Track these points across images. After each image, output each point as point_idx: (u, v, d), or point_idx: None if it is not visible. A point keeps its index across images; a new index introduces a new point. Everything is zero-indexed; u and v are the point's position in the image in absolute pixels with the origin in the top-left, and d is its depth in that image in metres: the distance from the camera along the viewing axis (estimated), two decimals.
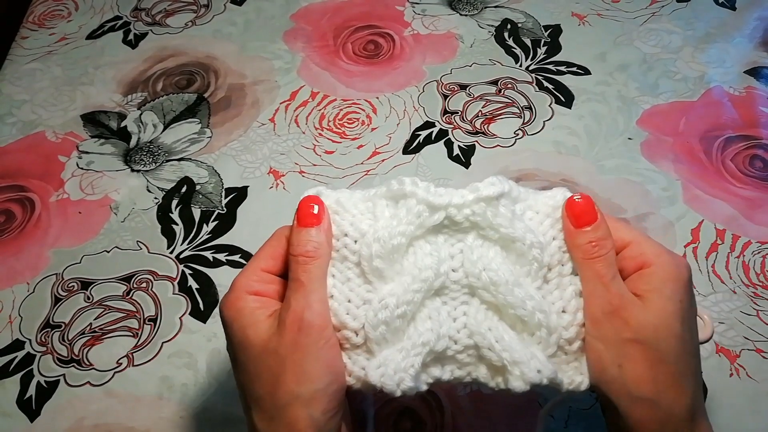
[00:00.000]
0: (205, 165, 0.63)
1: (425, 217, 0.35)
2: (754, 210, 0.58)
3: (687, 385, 0.33)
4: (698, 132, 0.65)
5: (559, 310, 0.35)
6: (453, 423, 0.46)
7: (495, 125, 0.66)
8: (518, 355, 0.33)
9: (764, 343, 0.50)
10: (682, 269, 0.34)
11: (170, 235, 0.58)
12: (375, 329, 0.34)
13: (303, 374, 0.32)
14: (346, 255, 0.36)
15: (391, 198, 0.36)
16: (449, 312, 0.36)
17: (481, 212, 0.35)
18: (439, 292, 0.36)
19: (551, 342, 0.34)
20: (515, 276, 0.35)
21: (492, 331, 0.34)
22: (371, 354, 0.34)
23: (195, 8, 0.81)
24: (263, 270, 0.36)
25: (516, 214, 0.36)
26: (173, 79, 0.72)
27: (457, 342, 0.35)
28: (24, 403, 0.49)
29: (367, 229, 0.35)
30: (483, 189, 0.35)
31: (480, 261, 0.35)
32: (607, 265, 0.34)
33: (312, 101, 0.69)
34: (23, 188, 0.62)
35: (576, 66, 0.71)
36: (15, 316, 0.53)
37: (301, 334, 0.32)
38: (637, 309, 0.33)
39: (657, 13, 0.78)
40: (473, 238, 0.36)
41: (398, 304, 0.34)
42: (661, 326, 0.33)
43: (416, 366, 0.33)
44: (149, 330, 0.52)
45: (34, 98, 0.71)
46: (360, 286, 0.35)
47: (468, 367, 0.35)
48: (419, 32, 0.76)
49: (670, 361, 0.33)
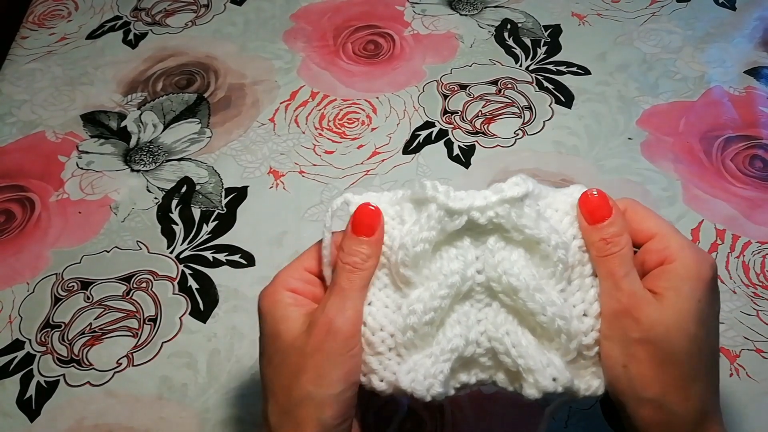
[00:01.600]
0: (205, 165, 0.63)
1: (446, 222, 0.34)
2: (754, 210, 0.58)
3: (696, 387, 0.32)
4: (698, 132, 0.65)
5: (580, 314, 0.34)
6: (453, 423, 0.46)
7: (495, 125, 0.66)
8: (533, 363, 0.33)
9: (764, 343, 0.50)
10: (704, 267, 0.33)
11: (170, 235, 0.58)
12: (404, 334, 0.34)
13: (321, 377, 0.32)
14: (384, 261, 0.35)
15: (415, 201, 0.36)
16: (476, 315, 0.35)
17: (506, 214, 0.34)
18: (467, 295, 0.35)
19: (571, 348, 0.33)
20: (537, 280, 0.34)
21: (509, 336, 0.34)
22: (401, 359, 0.34)
23: (195, 8, 0.81)
24: (306, 269, 0.36)
25: (541, 214, 0.35)
26: (173, 79, 0.72)
27: (479, 345, 0.35)
28: (24, 403, 0.49)
29: (397, 234, 0.35)
30: (507, 190, 0.34)
31: (500, 265, 0.34)
32: (620, 263, 0.33)
33: (312, 101, 0.69)
34: (23, 188, 0.62)
35: (576, 66, 0.71)
36: (15, 316, 0.53)
37: (328, 338, 0.33)
38: (651, 308, 0.32)
39: (657, 13, 0.78)
40: (495, 240, 0.35)
41: (426, 311, 0.34)
42: (674, 326, 0.31)
43: (445, 372, 0.33)
44: (149, 330, 0.52)
45: (34, 98, 0.71)
46: (395, 292, 0.35)
47: (489, 371, 0.35)
48: (419, 32, 0.76)
49: (679, 362, 0.32)
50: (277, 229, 0.58)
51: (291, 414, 0.33)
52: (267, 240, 0.57)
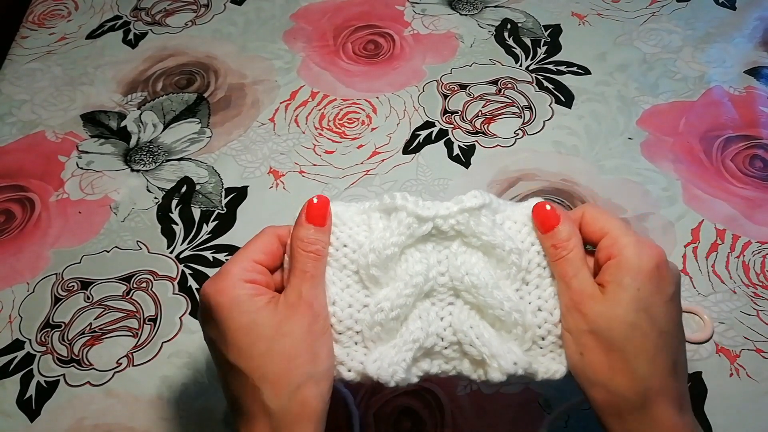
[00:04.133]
0: (205, 165, 0.63)
1: (415, 228, 0.39)
2: (754, 210, 0.58)
3: (641, 370, 0.35)
4: (698, 132, 0.65)
5: (535, 309, 0.39)
6: (453, 423, 0.46)
7: (495, 125, 0.66)
8: (496, 350, 0.37)
9: (764, 343, 0.50)
10: (644, 258, 0.36)
11: (170, 234, 0.58)
12: (371, 329, 0.38)
13: (316, 356, 0.36)
14: (346, 264, 0.39)
15: (384, 211, 0.40)
16: (437, 312, 0.39)
17: (465, 222, 0.39)
18: (428, 294, 0.39)
19: (526, 338, 0.38)
20: (495, 279, 0.39)
21: (473, 329, 0.38)
22: (368, 350, 0.38)
23: (195, 8, 0.81)
24: (255, 262, 0.38)
25: (496, 223, 0.40)
26: (173, 79, 0.72)
27: (443, 339, 0.39)
28: (24, 403, 0.49)
29: (364, 240, 0.39)
30: (466, 201, 0.39)
31: (463, 266, 0.39)
32: (568, 265, 0.37)
33: (312, 101, 0.69)
34: (23, 188, 0.62)
35: (576, 66, 0.71)
36: (15, 316, 0.53)
37: (313, 321, 0.36)
38: (594, 302, 0.36)
39: (657, 13, 0.78)
40: (458, 245, 0.40)
41: (392, 308, 0.38)
42: (612, 315, 0.35)
43: (407, 360, 0.37)
44: (149, 330, 0.52)
45: (34, 98, 0.71)
46: (359, 291, 0.39)
47: (453, 362, 0.39)
48: (419, 32, 0.76)
49: (621, 348, 0.35)
50: None
51: (295, 395, 0.35)
52: None
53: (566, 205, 0.58)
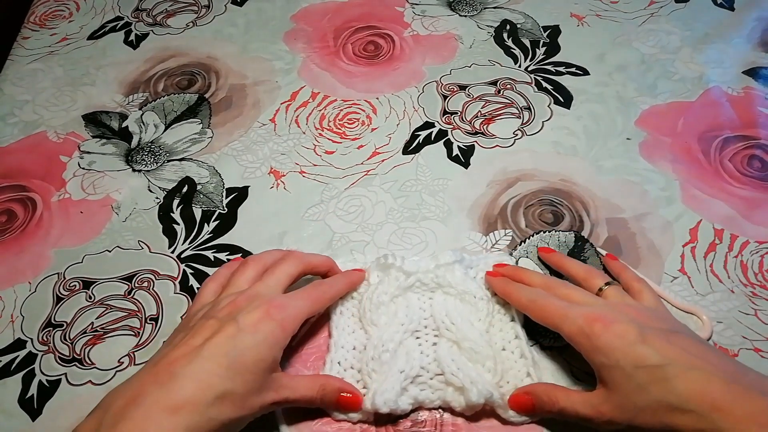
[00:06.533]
0: (206, 165, 0.64)
1: (402, 280, 0.50)
2: (752, 210, 0.58)
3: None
4: (696, 132, 0.65)
5: (500, 349, 0.48)
6: (453, 423, 0.46)
7: (494, 126, 0.66)
8: (474, 377, 0.45)
9: (762, 342, 0.50)
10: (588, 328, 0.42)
11: (171, 234, 0.58)
12: (367, 365, 0.46)
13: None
14: (354, 312, 0.50)
15: (381, 268, 0.51)
16: (423, 349, 0.48)
17: (442, 275, 0.50)
18: (415, 333, 0.48)
19: (498, 370, 0.46)
20: (469, 320, 0.48)
21: (455, 362, 0.46)
22: (367, 389, 0.46)
23: (196, 9, 0.81)
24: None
25: (468, 275, 0.50)
26: (174, 80, 0.72)
27: (428, 371, 0.47)
28: (25, 402, 0.49)
29: (364, 291, 0.51)
30: (442, 259, 0.50)
31: (443, 309, 0.49)
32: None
33: (312, 102, 0.69)
34: (25, 188, 0.62)
35: (575, 66, 0.72)
36: (17, 316, 0.53)
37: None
38: (597, 399, 0.42)
39: (655, 14, 0.78)
40: (439, 294, 0.50)
41: (384, 344, 0.47)
42: (620, 402, 0.41)
43: (396, 388, 0.44)
44: (151, 329, 0.52)
45: (36, 98, 0.71)
46: (362, 336, 0.49)
47: (438, 392, 0.46)
48: (419, 33, 0.77)
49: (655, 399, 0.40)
50: (277, 229, 0.58)
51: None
52: (268, 239, 0.57)
53: (565, 205, 0.58)
